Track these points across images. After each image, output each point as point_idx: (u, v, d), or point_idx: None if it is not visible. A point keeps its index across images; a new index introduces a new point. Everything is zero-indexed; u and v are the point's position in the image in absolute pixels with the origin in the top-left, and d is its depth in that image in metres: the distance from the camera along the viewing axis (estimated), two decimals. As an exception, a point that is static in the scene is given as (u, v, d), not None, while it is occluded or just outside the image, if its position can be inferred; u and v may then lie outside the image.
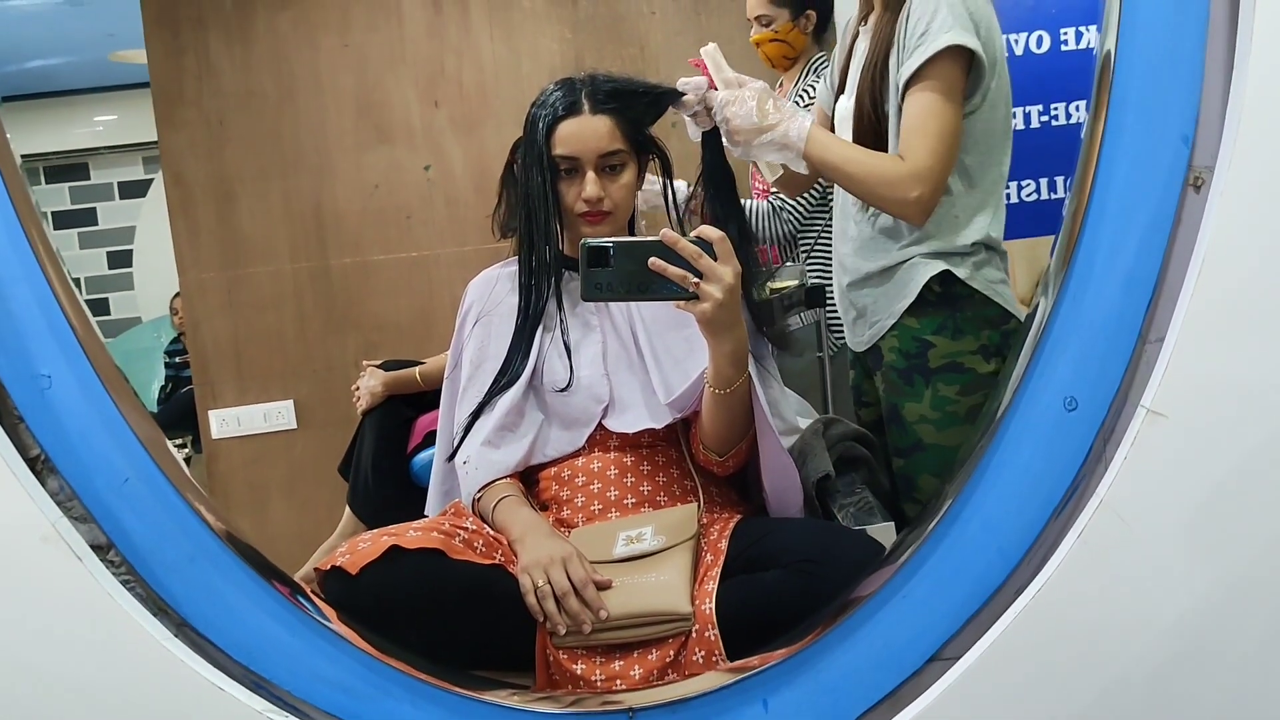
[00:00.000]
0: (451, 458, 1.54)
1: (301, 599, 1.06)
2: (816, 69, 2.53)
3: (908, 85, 1.52)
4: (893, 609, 1.03)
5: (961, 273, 1.59)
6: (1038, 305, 1.09)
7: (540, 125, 1.49)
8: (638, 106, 1.52)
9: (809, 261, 2.53)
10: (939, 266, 1.59)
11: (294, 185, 3.20)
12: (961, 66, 1.51)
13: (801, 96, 2.49)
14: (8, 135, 1.00)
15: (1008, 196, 2.79)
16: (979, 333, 1.61)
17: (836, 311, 1.83)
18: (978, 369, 1.60)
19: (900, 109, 1.55)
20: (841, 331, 1.85)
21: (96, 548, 0.98)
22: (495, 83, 3.18)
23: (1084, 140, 1.01)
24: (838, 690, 1.02)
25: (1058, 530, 0.98)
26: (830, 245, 1.90)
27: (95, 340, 0.99)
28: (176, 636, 0.97)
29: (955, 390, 1.60)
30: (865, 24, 1.67)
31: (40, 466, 0.99)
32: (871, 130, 1.59)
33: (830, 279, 2.06)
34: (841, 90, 1.71)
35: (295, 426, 3.23)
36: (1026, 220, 2.80)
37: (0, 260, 0.97)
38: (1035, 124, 2.83)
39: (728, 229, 1.30)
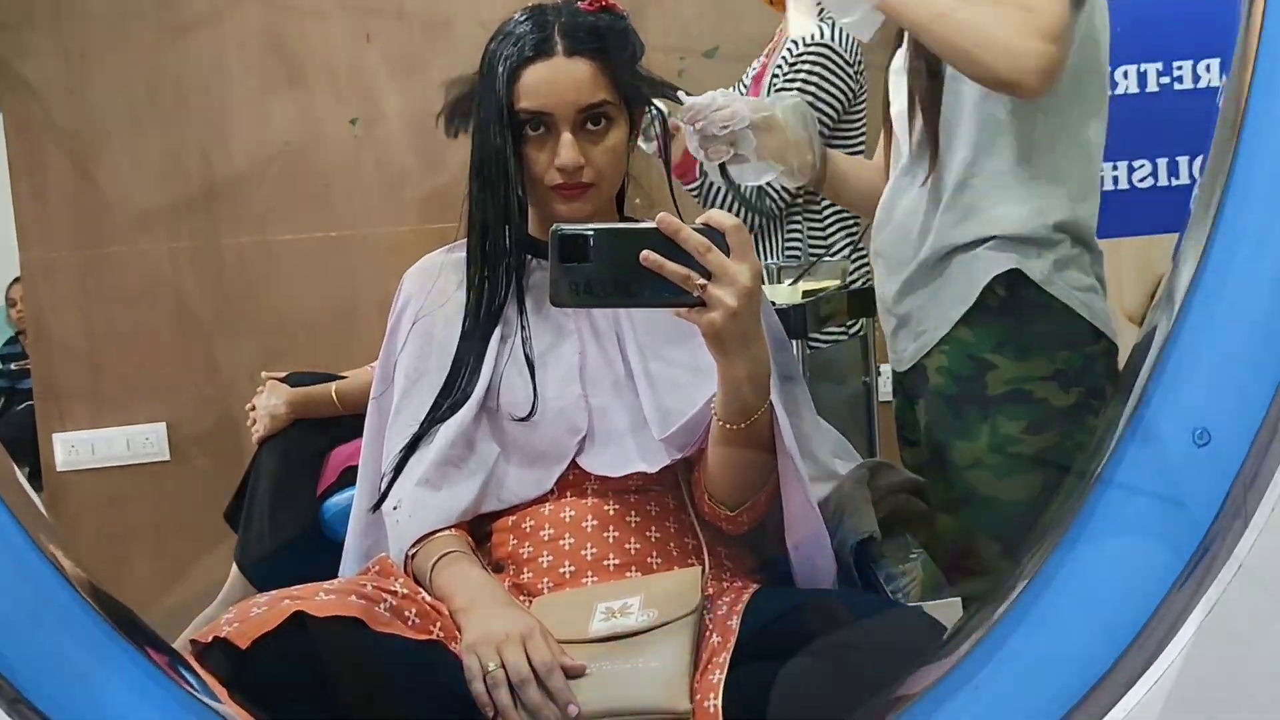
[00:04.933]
0: (378, 506, 1.54)
1: (183, 671, 1.06)
2: None
3: None
4: (959, 706, 1.03)
5: (1036, 273, 1.59)
6: (1159, 317, 1.11)
7: (500, 70, 1.48)
8: (629, 45, 1.53)
9: (857, 257, 2.55)
10: (1007, 262, 1.59)
11: (177, 139, 3.22)
12: None
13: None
14: None
15: (1115, 181, 2.85)
16: (1054, 354, 1.61)
17: None
18: (1051, 400, 1.60)
19: None
20: None
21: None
22: (447, 9, 3.20)
23: (1223, 101, 1.02)
24: (889, 807, 1.03)
25: (1183, 603, 0.99)
26: None
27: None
28: (9, 715, 0.97)
29: (1021, 427, 1.61)
30: None
31: None
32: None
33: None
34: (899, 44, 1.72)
35: (168, 458, 3.24)
36: (1139, 213, 2.82)
37: None
38: (1153, 87, 2.85)
39: None
